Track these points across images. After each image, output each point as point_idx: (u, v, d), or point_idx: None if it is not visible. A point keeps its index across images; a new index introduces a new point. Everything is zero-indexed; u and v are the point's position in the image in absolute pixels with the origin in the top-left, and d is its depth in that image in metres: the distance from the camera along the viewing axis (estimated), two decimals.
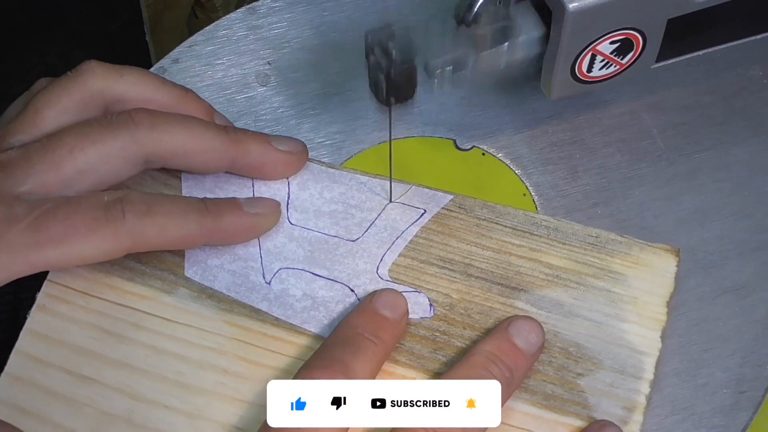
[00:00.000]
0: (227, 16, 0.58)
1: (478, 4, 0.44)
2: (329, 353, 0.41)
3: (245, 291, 0.45)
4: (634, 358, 0.42)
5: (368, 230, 0.46)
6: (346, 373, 0.39)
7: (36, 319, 0.44)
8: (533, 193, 0.52)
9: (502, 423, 0.39)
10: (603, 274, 0.44)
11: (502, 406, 0.40)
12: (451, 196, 0.46)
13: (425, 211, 0.46)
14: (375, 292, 0.44)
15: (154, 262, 0.45)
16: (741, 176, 0.52)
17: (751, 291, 0.48)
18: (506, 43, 0.46)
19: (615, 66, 0.48)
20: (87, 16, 0.49)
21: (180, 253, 0.46)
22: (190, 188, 0.47)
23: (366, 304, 0.43)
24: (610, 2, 0.44)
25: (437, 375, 0.42)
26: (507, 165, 0.53)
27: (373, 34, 0.42)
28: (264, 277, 0.45)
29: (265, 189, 0.47)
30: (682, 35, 0.48)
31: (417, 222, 0.46)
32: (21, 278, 0.42)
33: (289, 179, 0.48)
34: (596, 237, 0.45)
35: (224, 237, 0.45)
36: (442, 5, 0.45)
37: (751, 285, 0.49)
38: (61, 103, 0.44)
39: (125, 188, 0.45)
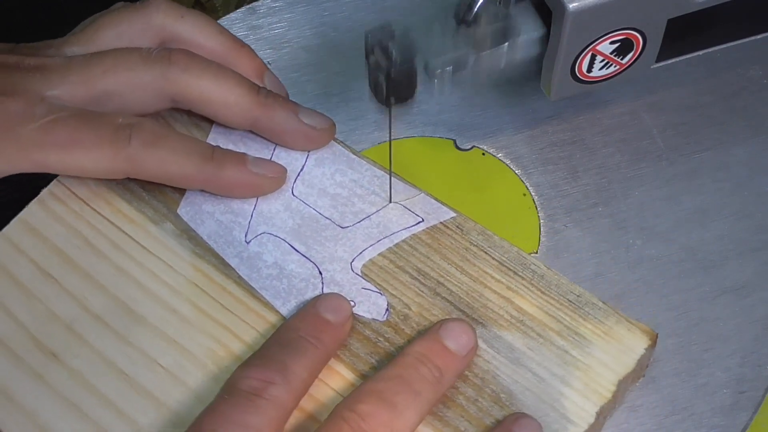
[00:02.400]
0: (227, 16, 0.58)
1: (478, 4, 0.44)
2: (269, 353, 0.41)
3: (223, 243, 0.45)
4: (560, 423, 0.40)
5: (361, 222, 0.46)
6: (283, 373, 0.39)
7: (31, 211, 0.46)
8: (533, 193, 0.52)
9: None
10: (568, 334, 0.42)
11: (434, 406, 0.40)
12: (454, 214, 0.46)
13: (423, 220, 0.46)
14: (320, 296, 0.43)
15: (155, 192, 0.47)
16: (741, 176, 0.52)
17: (751, 291, 0.48)
18: (506, 44, 0.46)
19: (615, 66, 0.48)
20: (87, 16, 0.49)
21: (181, 191, 0.47)
22: (218, 135, 0.48)
23: (309, 307, 0.43)
24: (610, 2, 0.44)
25: (363, 376, 0.42)
26: (507, 165, 0.53)
27: (373, 34, 0.42)
28: (246, 236, 0.46)
29: (284, 156, 0.48)
30: (682, 35, 0.48)
31: (410, 228, 0.46)
32: None
33: (309, 153, 0.48)
34: (578, 296, 0.43)
35: (221, 187, 0.46)
36: (442, 5, 0.45)
37: (751, 285, 0.49)
38: (121, 27, 0.47)
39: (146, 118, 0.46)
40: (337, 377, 0.42)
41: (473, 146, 0.53)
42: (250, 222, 0.46)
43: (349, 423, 0.38)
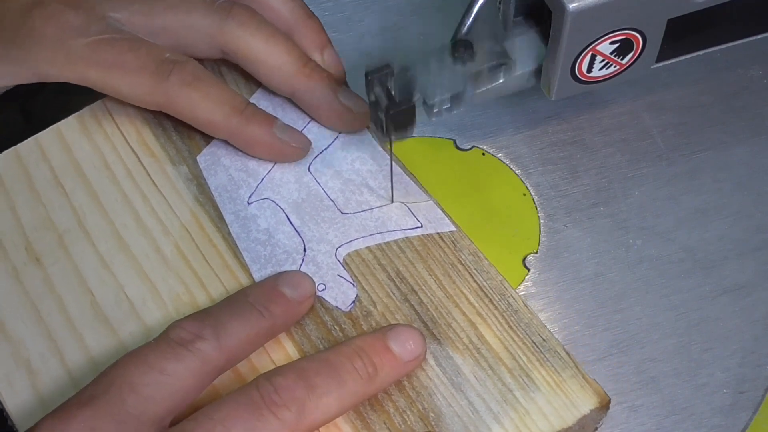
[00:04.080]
0: None
1: (465, 27, 0.45)
2: (212, 311, 0.40)
3: (227, 198, 0.46)
4: None
5: (361, 213, 0.46)
6: (216, 331, 0.39)
7: (68, 123, 0.48)
8: (533, 193, 0.52)
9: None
10: (519, 375, 0.41)
11: (361, 401, 0.40)
12: (454, 229, 0.46)
13: (421, 226, 0.46)
14: (283, 272, 0.44)
15: (185, 135, 0.48)
16: (741, 176, 0.52)
17: (751, 291, 0.48)
18: (501, 80, 0.46)
19: (615, 66, 0.48)
20: None
21: (209, 139, 0.48)
22: (261, 96, 0.49)
23: (269, 279, 0.43)
24: (610, 2, 0.44)
25: (302, 354, 0.42)
26: (507, 165, 0.53)
27: (373, 74, 0.42)
28: (249, 197, 0.46)
29: (315, 131, 0.48)
30: (682, 35, 0.48)
31: (406, 231, 0.46)
32: None
33: (339, 135, 0.48)
34: (544, 340, 0.42)
35: (243, 143, 0.47)
36: (442, 7, 0.45)
37: (751, 285, 0.49)
38: None
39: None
40: (282, 352, 0.42)
41: (473, 146, 0.53)
42: (258, 185, 0.47)
43: (261, 392, 0.38)
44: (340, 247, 0.45)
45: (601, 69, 0.47)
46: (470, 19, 0.45)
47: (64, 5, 0.46)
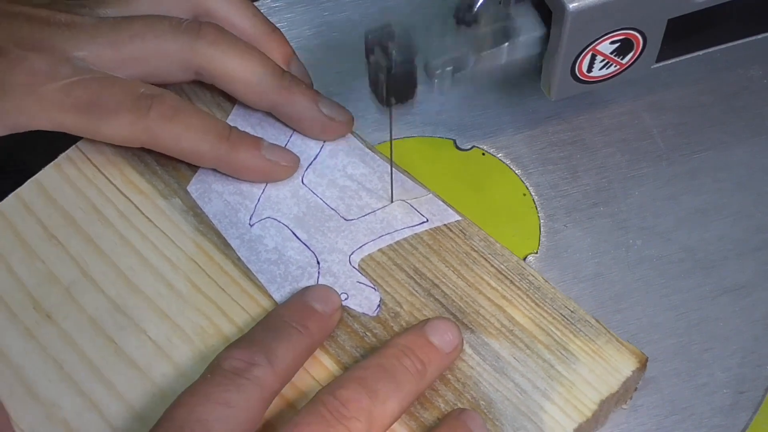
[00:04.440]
0: None
1: (479, 3, 0.44)
2: (255, 336, 0.41)
3: (227, 224, 0.46)
4: None
5: (365, 216, 0.46)
6: (268, 356, 0.39)
7: (46, 174, 0.47)
8: (533, 193, 0.52)
9: None
10: (556, 349, 0.42)
11: (415, 400, 0.40)
12: (459, 218, 0.46)
13: (427, 220, 0.46)
14: (310, 286, 0.44)
15: (169, 167, 0.47)
16: (741, 176, 0.52)
17: (751, 291, 0.48)
18: (506, 44, 0.46)
19: (615, 66, 0.48)
20: None
21: (194, 169, 0.47)
22: (237, 116, 0.49)
23: (298, 296, 0.43)
24: (610, 2, 0.44)
25: (346, 368, 0.42)
26: (507, 165, 0.53)
27: (373, 34, 0.42)
28: (250, 219, 0.46)
29: (300, 143, 0.48)
30: (682, 35, 0.48)
31: (414, 227, 0.46)
32: None
33: (325, 143, 0.48)
34: (572, 311, 0.43)
35: (233, 169, 0.46)
36: (442, 5, 0.45)
37: (751, 285, 0.49)
38: None
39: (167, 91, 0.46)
40: (321, 368, 0.42)
41: (473, 146, 0.53)
42: (256, 205, 0.46)
43: (328, 407, 0.38)
44: (352, 254, 0.45)
45: (601, 69, 0.47)
46: (470, 19, 0.45)
47: (27, 50, 0.45)
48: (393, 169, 0.47)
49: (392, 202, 0.46)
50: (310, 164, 0.47)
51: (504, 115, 0.54)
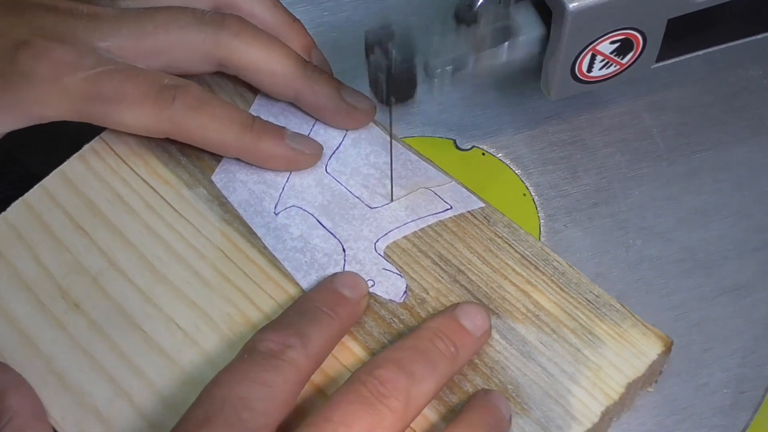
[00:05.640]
0: None
1: (478, 3, 0.44)
2: (287, 320, 0.41)
3: (252, 213, 0.46)
4: (563, 420, 0.40)
5: (389, 204, 0.46)
6: (301, 338, 0.40)
7: (71, 165, 0.47)
8: (533, 193, 0.52)
9: (410, 429, 0.40)
10: (582, 333, 0.43)
11: (450, 380, 0.41)
12: (483, 204, 0.46)
13: (451, 207, 0.46)
14: (337, 273, 0.44)
15: (193, 157, 0.47)
16: (741, 176, 0.52)
17: (751, 291, 0.48)
18: (506, 43, 0.46)
19: (615, 66, 0.48)
20: None
21: (218, 158, 0.47)
22: (260, 106, 0.49)
23: (326, 282, 0.43)
24: (610, 2, 0.44)
25: (374, 354, 0.42)
26: (507, 165, 0.53)
27: (373, 34, 0.42)
28: (275, 208, 0.46)
29: (322, 132, 0.48)
30: (682, 35, 0.48)
31: (438, 214, 0.46)
32: None
33: (347, 132, 0.48)
34: (596, 296, 0.44)
35: (257, 158, 0.47)
36: (442, 5, 0.45)
37: (751, 285, 0.49)
38: None
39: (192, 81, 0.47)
40: (348, 353, 0.42)
41: (473, 146, 0.53)
42: (281, 194, 0.46)
43: (368, 386, 0.38)
44: (377, 241, 0.45)
45: (601, 69, 0.47)
46: (470, 19, 0.45)
47: (51, 41, 0.45)
48: (417, 158, 0.47)
49: (392, 201, 0.47)
50: (333, 153, 0.48)
51: (504, 115, 0.54)
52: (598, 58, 0.47)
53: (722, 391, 0.46)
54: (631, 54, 0.47)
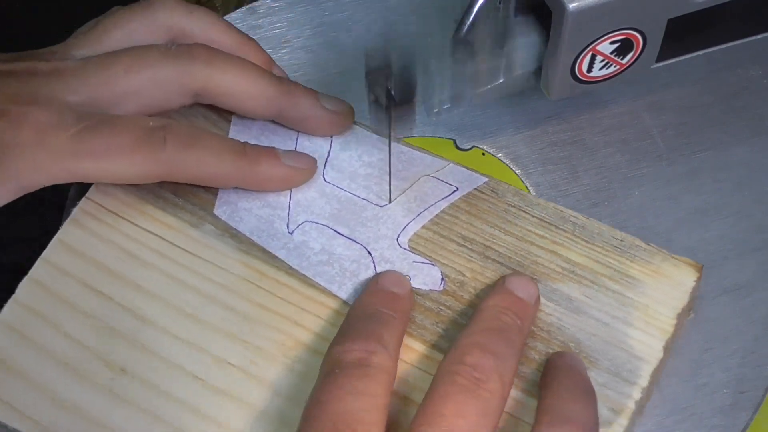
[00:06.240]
0: (227, 16, 0.58)
1: (477, 4, 0.45)
2: (356, 328, 0.41)
3: (267, 237, 0.46)
4: (631, 363, 0.42)
5: (398, 198, 0.47)
6: (381, 341, 0.40)
7: (67, 231, 0.46)
8: (533, 193, 0.52)
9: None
10: (619, 277, 0.44)
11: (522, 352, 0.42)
12: (486, 179, 0.47)
13: (457, 189, 0.47)
14: (378, 274, 0.44)
15: (188, 196, 0.46)
16: (741, 176, 0.52)
17: (751, 291, 0.48)
18: (501, 80, 0.47)
19: (615, 66, 0.48)
20: (87, 16, 0.49)
21: (213, 191, 0.47)
22: (238, 132, 0.48)
23: (373, 285, 0.44)
24: (610, 2, 0.44)
25: (434, 346, 0.43)
26: (507, 165, 0.53)
27: (373, 75, 0.42)
28: (288, 227, 0.46)
29: (308, 144, 0.48)
30: (682, 35, 0.48)
31: (447, 198, 0.47)
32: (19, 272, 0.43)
33: (333, 138, 0.48)
34: (621, 240, 0.45)
35: (257, 183, 0.46)
36: (441, 6, 0.45)
37: (751, 285, 0.49)
38: (129, 26, 0.46)
39: (172, 118, 0.46)
40: (410, 351, 0.43)
41: (473, 146, 0.53)
42: (289, 213, 0.46)
43: (462, 375, 0.39)
44: (398, 236, 0.46)
45: (601, 69, 0.47)
46: (470, 19, 0.45)
47: (23, 105, 0.43)
48: (409, 149, 0.48)
49: (390, 202, 0.47)
50: (326, 162, 0.48)
51: (504, 115, 0.54)
52: (598, 58, 0.47)
53: (722, 391, 0.46)
54: (631, 54, 0.47)
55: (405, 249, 0.45)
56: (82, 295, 0.44)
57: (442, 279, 0.44)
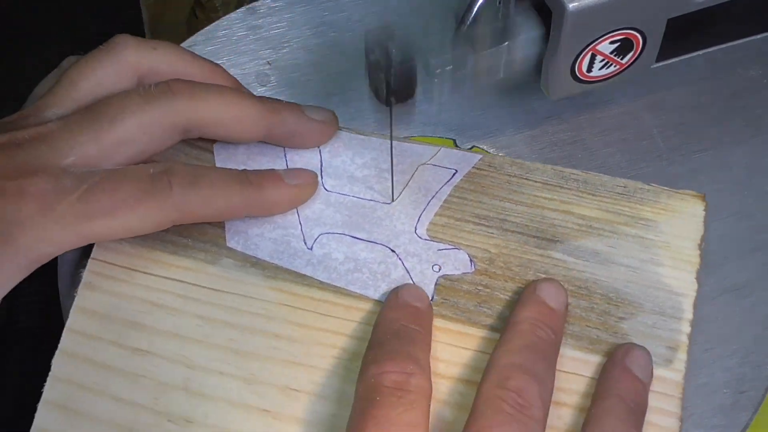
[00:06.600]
0: (227, 16, 0.58)
1: (478, 4, 0.44)
2: (391, 346, 0.41)
3: (288, 257, 0.45)
4: (672, 299, 0.44)
5: (402, 192, 0.47)
6: (416, 361, 0.40)
7: (83, 297, 0.44)
8: None
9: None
10: (635, 222, 0.45)
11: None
12: (480, 156, 0.48)
13: (456, 171, 0.47)
14: (397, 288, 0.44)
15: (196, 235, 0.46)
16: (741, 176, 0.52)
17: (751, 291, 0.48)
18: (506, 43, 0.46)
19: (615, 66, 0.48)
20: (87, 16, 0.49)
21: (220, 225, 0.46)
22: (224, 161, 0.48)
23: (394, 299, 0.44)
24: (610, 2, 0.44)
25: (483, 327, 0.43)
26: None
27: (373, 34, 0.42)
28: (305, 243, 0.46)
29: (298, 158, 0.48)
30: (682, 35, 0.48)
31: (450, 182, 0.47)
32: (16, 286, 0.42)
33: (321, 148, 0.48)
34: (624, 187, 0.47)
35: (266, 208, 0.46)
36: (442, 5, 0.45)
37: (751, 285, 0.49)
38: (96, 75, 0.45)
39: (164, 160, 0.45)
40: (465, 337, 0.43)
41: (473, 146, 0.53)
42: (302, 229, 0.46)
43: (507, 401, 0.39)
44: (415, 229, 0.46)
45: (601, 69, 0.47)
46: (471, 17, 0.45)
47: (17, 178, 0.41)
48: (397, 143, 0.47)
49: (393, 201, 0.47)
50: (321, 172, 0.48)
51: (504, 115, 0.54)
52: (598, 58, 0.47)
53: (722, 391, 0.46)
54: (631, 54, 0.47)
55: (426, 239, 0.46)
56: (120, 356, 0.43)
57: (471, 260, 0.45)
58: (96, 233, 0.42)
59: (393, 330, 0.42)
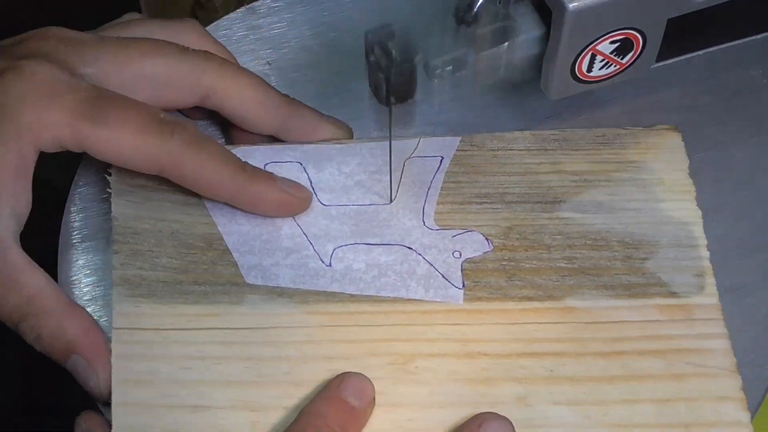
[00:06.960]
0: (227, 16, 0.58)
1: (478, 3, 0.44)
2: (314, 410, 0.40)
3: (311, 279, 0.45)
4: (684, 230, 0.46)
5: (398, 189, 0.47)
6: (344, 426, 0.40)
7: (120, 369, 0.42)
8: None
9: (596, 323, 0.43)
10: (625, 167, 0.47)
11: None
12: (460, 138, 0.48)
13: (443, 157, 0.48)
14: (343, 375, 0.42)
15: (211, 279, 0.44)
16: (741, 176, 0.52)
17: (751, 291, 0.48)
18: (506, 43, 0.46)
19: (615, 66, 0.48)
20: (87, 16, 0.49)
21: (230, 266, 0.45)
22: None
23: (334, 389, 0.41)
24: (610, 2, 0.44)
25: (521, 300, 0.44)
26: None
27: (373, 34, 0.42)
28: (323, 261, 0.45)
29: (284, 173, 0.48)
30: (682, 35, 0.48)
31: (440, 169, 0.48)
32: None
33: (304, 164, 0.48)
34: (603, 135, 0.48)
35: (250, 202, 0.46)
36: (442, 5, 0.45)
37: (751, 285, 0.49)
38: (149, 27, 0.48)
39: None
40: (507, 313, 0.44)
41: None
42: (314, 249, 0.46)
43: None
44: (423, 222, 0.46)
45: (601, 69, 0.47)
46: (471, 15, 0.45)
47: (38, 62, 0.42)
48: (377, 139, 0.48)
49: (391, 201, 0.47)
50: (312, 189, 0.47)
51: (504, 115, 0.54)
52: (598, 58, 0.47)
53: None
54: (631, 54, 0.47)
55: (437, 229, 0.46)
56: (180, 418, 0.41)
57: (487, 239, 0.46)
58: (88, 140, 0.42)
59: (315, 427, 0.40)
